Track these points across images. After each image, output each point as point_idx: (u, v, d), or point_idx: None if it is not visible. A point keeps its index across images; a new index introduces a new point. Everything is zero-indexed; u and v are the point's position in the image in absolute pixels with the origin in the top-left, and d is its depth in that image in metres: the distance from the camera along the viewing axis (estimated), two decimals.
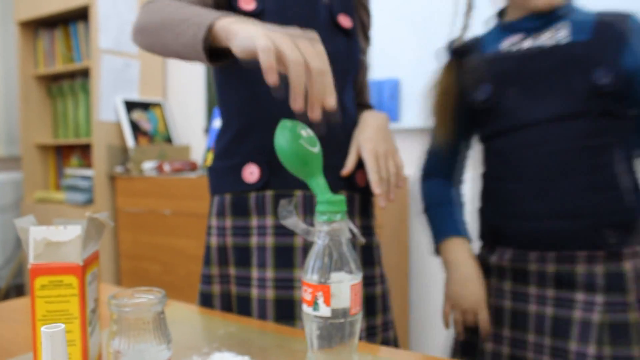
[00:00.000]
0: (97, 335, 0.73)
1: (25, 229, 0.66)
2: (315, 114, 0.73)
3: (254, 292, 1.02)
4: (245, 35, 0.74)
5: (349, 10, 1.11)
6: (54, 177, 3.27)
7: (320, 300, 0.61)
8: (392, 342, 1.11)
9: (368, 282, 1.07)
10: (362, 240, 0.67)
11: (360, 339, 0.74)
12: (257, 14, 0.98)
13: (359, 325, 0.63)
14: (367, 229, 1.13)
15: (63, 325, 0.47)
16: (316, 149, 0.65)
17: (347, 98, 1.10)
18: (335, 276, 0.61)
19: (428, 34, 2.28)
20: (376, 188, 0.97)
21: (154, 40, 0.93)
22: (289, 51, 0.70)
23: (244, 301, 1.03)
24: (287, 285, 1.00)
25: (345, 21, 1.09)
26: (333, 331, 0.61)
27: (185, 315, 0.98)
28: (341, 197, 0.63)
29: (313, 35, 0.77)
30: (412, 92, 2.32)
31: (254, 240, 1.03)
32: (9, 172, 3.36)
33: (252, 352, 0.79)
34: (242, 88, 1.03)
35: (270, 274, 1.00)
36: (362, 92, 1.23)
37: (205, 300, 1.07)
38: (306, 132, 0.66)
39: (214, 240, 1.07)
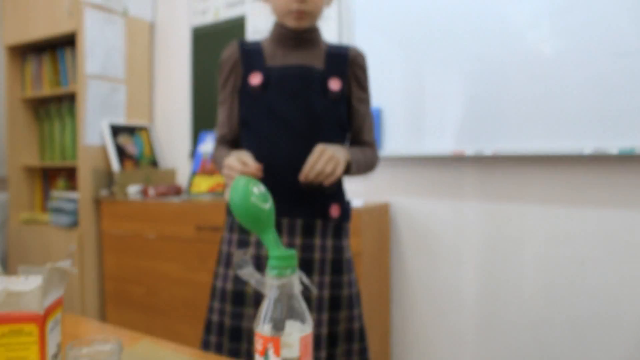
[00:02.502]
0: None
1: None
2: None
3: (250, 288, 1.33)
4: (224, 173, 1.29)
5: (341, 73, 1.42)
6: (40, 199, 3.28)
7: (271, 352, 0.63)
8: (356, 331, 1.38)
9: (336, 286, 1.37)
10: (314, 291, 0.70)
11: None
12: (264, 87, 1.36)
13: None
14: (338, 248, 1.40)
15: None
16: (267, 205, 0.68)
17: (329, 142, 1.35)
18: (286, 328, 0.64)
19: (410, 63, 2.32)
20: (302, 175, 1.25)
21: (218, 168, 1.44)
22: (226, 169, 1.26)
23: (239, 295, 1.35)
24: None
25: (334, 85, 1.39)
26: None
27: (155, 354, 1.00)
28: (292, 252, 0.65)
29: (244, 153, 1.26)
30: (395, 120, 2.36)
31: (251, 251, 1.36)
32: None
33: None
34: (251, 144, 1.39)
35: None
36: (361, 132, 1.49)
37: (212, 291, 1.42)
38: (258, 189, 0.68)
39: (224, 247, 1.43)
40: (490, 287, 2.19)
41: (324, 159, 1.23)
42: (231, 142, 1.49)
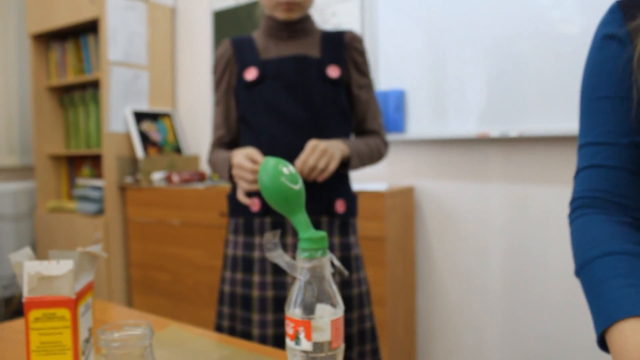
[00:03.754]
0: None
1: (20, 264, 0.69)
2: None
3: (255, 292, 1.32)
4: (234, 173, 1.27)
5: (338, 60, 1.37)
6: (66, 186, 3.32)
7: (302, 335, 0.63)
8: (368, 331, 1.37)
9: (345, 285, 1.34)
10: (345, 273, 0.69)
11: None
12: (260, 81, 1.33)
13: (340, 358, 0.65)
14: (346, 245, 1.38)
15: None
16: (297, 186, 0.67)
17: (330, 135, 1.34)
18: (316, 311, 0.63)
19: (433, 45, 2.29)
20: None
21: (215, 172, 1.42)
22: (235, 169, 1.25)
23: (246, 300, 1.34)
24: (282, 286, 1.31)
25: (333, 72, 1.35)
26: None
27: (183, 338, 1.00)
28: (322, 234, 0.64)
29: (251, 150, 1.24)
30: (418, 102, 2.33)
31: (256, 254, 1.35)
32: (23, 182, 3.41)
33: None
34: (250, 142, 1.36)
35: (270, 278, 1.32)
36: (365, 120, 1.44)
37: (220, 296, 1.40)
38: (288, 170, 0.67)
39: (230, 251, 1.40)
40: (515, 270, 2.17)
41: (317, 154, 1.20)
42: (229, 143, 1.45)
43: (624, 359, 0.59)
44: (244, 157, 1.22)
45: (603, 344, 0.64)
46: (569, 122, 1.97)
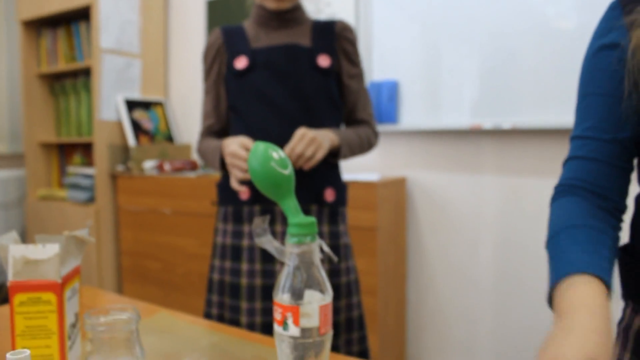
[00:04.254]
0: (78, 348, 0.75)
1: (5, 247, 0.68)
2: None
3: (244, 280, 1.33)
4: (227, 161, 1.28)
5: (329, 49, 1.37)
6: (56, 174, 3.29)
7: (290, 321, 0.62)
8: (355, 320, 1.38)
9: (334, 274, 1.34)
10: (334, 258, 0.69)
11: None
12: (250, 69, 1.33)
13: (328, 344, 0.65)
14: (335, 234, 1.38)
15: (28, 352, 0.48)
16: (287, 171, 0.66)
17: (320, 125, 1.33)
18: (305, 297, 0.63)
19: (428, 36, 2.28)
20: None
21: (205, 161, 1.43)
22: (229, 158, 1.24)
23: (235, 288, 1.34)
24: (270, 274, 1.32)
25: (324, 61, 1.35)
26: (302, 350, 0.63)
27: (172, 325, 1.00)
28: (311, 220, 0.64)
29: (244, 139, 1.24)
30: (411, 93, 2.33)
31: (245, 242, 1.35)
32: (13, 170, 3.38)
33: None
34: (240, 130, 1.35)
35: (258, 266, 1.32)
36: (355, 109, 1.44)
37: (209, 285, 1.41)
38: (277, 155, 0.67)
39: (219, 240, 1.40)
40: (507, 262, 2.17)
41: (305, 142, 1.20)
42: (218, 132, 1.45)
43: (569, 307, 0.66)
44: (238, 145, 1.22)
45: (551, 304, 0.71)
46: (561, 115, 1.97)
